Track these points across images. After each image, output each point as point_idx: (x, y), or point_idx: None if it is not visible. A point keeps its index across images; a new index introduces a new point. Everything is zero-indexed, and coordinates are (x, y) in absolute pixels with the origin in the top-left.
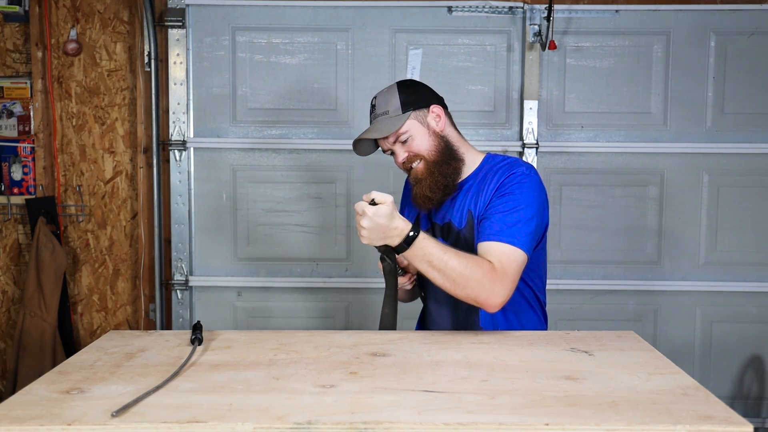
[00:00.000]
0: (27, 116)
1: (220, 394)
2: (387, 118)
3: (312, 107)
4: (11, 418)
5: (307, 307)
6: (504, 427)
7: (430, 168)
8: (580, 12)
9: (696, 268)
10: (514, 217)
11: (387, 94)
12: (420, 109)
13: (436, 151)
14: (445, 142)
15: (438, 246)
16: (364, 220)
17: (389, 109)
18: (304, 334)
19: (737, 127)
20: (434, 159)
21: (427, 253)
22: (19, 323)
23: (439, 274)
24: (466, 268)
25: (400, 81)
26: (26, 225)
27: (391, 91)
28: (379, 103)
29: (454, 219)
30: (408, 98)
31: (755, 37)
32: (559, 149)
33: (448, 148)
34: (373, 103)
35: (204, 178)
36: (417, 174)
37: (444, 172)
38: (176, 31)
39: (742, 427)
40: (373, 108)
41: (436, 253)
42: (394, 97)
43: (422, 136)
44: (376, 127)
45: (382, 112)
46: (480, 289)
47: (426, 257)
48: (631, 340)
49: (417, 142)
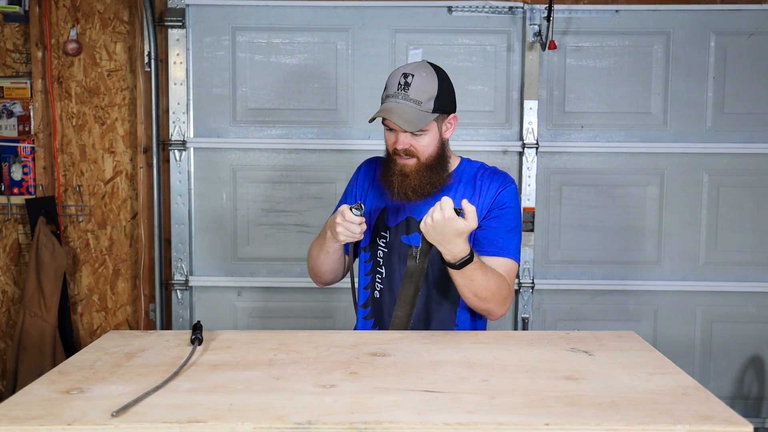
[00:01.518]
0: (27, 116)
1: (220, 394)
2: (417, 109)
3: (312, 107)
4: (11, 418)
5: (307, 307)
6: (504, 427)
7: (421, 171)
8: (580, 12)
9: (696, 268)
10: (512, 233)
11: (426, 81)
12: (445, 114)
13: (434, 156)
14: (443, 149)
15: (482, 268)
16: (437, 212)
17: (422, 101)
18: (304, 334)
19: (737, 127)
20: (428, 163)
21: (473, 275)
22: (19, 323)
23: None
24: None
25: (438, 69)
26: (26, 225)
27: (431, 80)
28: (416, 86)
29: None
30: (442, 100)
31: (755, 37)
32: (559, 149)
33: (442, 156)
34: (408, 81)
35: (204, 178)
36: (405, 169)
37: (432, 181)
38: (176, 31)
39: (742, 427)
40: (406, 84)
41: (480, 276)
42: (432, 90)
43: (432, 139)
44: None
45: (415, 100)
46: (499, 304)
47: (470, 277)
48: (631, 340)
49: (425, 143)
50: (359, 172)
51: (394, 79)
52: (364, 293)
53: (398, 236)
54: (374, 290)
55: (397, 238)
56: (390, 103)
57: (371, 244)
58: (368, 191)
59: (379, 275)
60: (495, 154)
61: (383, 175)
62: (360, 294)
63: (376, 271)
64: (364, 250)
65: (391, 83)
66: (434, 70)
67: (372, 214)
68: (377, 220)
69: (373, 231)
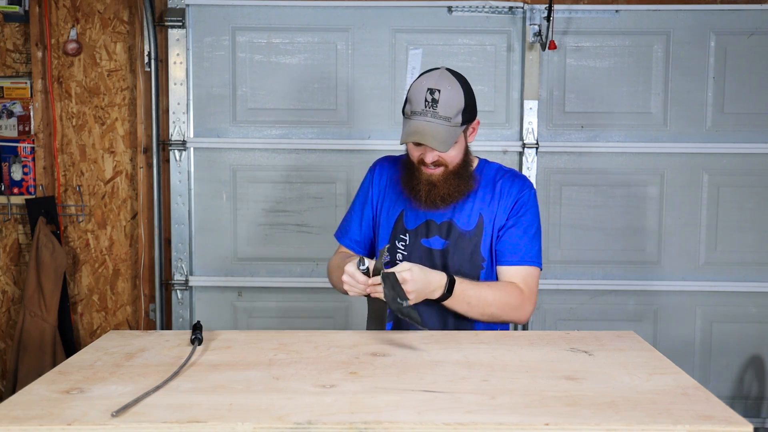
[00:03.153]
0: (27, 116)
1: (220, 394)
2: (448, 127)
3: (312, 107)
4: (11, 418)
5: (307, 307)
6: (504, 427)
7: (449, 179)
8: (580, 12)
9: (696, 268)
10: (532, 239)
11: (453, 94)
12: (470, 122)
13: (459, 162)
14: (467, 155)
15: (471, 284)
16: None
17: (451, 117)
18: (304, 334)
19: (737, 127)
20: (454, 170)
21: (467, 295)
22: (19, 323)
23: (477, 311)
24: (501, 298)
25: (459, 77)
26: (26, 225)
27: (457, 92)
28: (444, 102)
29: (456, 220)
30: (469, 110)
31: (755, 37)
32: (559, 149)
33: (467, 161)
34: (435, 97)
35: (204, 178)
36: (432, 178)
37: (459, 188)
38: (176, 31)
39: (742, 427)
40: (434, 101)
41: (473, 294)
42: (460, 102)
43: (460, 149)
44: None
45: (444, 117)
46: (513, 313)
47: (466, 299)
48: (631, 340)
49: (454, 153)
50: (374, 172)
51: (419, 94)
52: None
53: (418, 239)
54: None
55: (417, 241)
56: (419, 121)
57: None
58: (385, 192)
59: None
60: (495, 154)
61: (407, 182)
62: None
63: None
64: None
65: (416, 98)
66: (457, 79)
67: (390, 217)
68: (396, 223)
69: (392, 234)
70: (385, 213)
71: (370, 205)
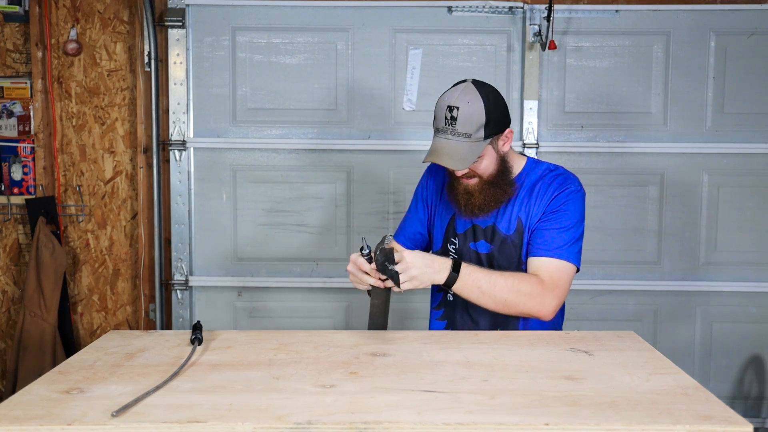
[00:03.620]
0: (27, 116)
1: (220, 394)
2: (468, 143)
3: (312, 107)
4: (11, 418)
5: (307, 307)
6: (504, 427)
7: (485, 189)
8: (580, 12)
9: (696, 268)
10: (567, 236)
11: (472, 110)
12: (498, 133)
13: (495, 173)
14: (503, 163)
15: (481, 269)
16: (412, 270)
17: (471, 133)
18: (304, 334)
19: (737, 127)
20: (490, 180)
21: (476, 279)
22: (19, 323)
23: (490, 298)
24: (515, 285)
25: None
26: (26, 225)
27: (477, 106)
28: (462, 118)
29: (499, 224)
30: (493, 124)
31: (755, 37)
32: (559, 149)
33: (504, 169)
34: (454, 114)
35: (204, 178)
36: (469, 188)
37: (496, 197)
38: (176, 31)
39: (742, 427)
40: (453, 119)
41: (483, 278)
42: (480, 118)
43: (490, 159)
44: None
45: (464, 133)
46: (532, 302)
47: (476, 283)
48: (631, 340)
49: (484, 166)
50: (428, 177)
51: (440, 111)
52: (437, 296)
53: (467, 243)
54: (447, 293)
55: (465, 244)
56: (440, 139)
57: (442, 249)
58: (438, 199)
59: None
60: None
61: (450, 190)
62: (433, 297)
63: None
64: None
65: (438, 115)
66: (479, 93)
67: (443, 220)
68: (447, 226)
69: (444, 237)
70: (438, 216)
71: (423, 204)
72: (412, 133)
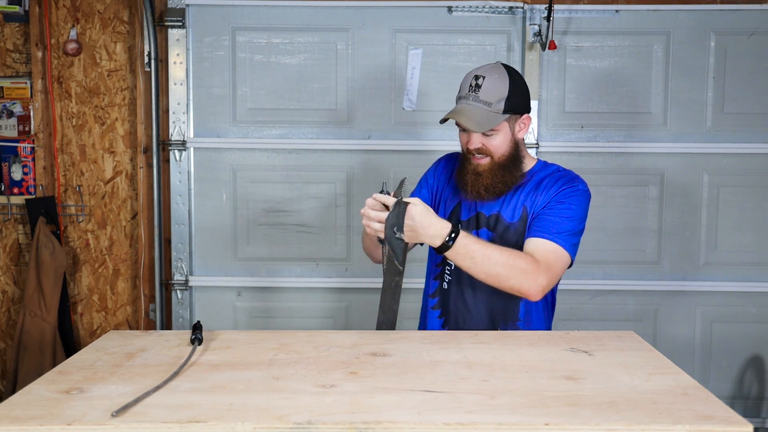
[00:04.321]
0: (27, 116)
1: (220, 394)
2: (487, 111)
3: (312, 107)
4: (11, 418)
5: (307, 307)
6: (504, 427)
7: (494, 170)
8: (580, 12)
9: (696, 268)
10: (568, 225)
11: (497, 83)
12: (517, 114)
13: (507, 156)
14: (516, 149)
15: (478, 241)
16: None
17: (492, 102)
18: (304, 334)
19: (737, 127)
20: (501, 162)
21: (471, 250)
22: (19, 323)
23: (482, 269)
24: (509, 260)
25: (511, 71)
26: (26, 225)
27: (502, 81)
28: (486, 87)
29: (504, 212)
30: (514, 100)
31: (755, 37)
32: (559, 149)
33: (516, 156)
34: (479, 82)
35: (204, 178)
36: (479, 168)
37: (504, 180)
38: (176, 31)
39: (742, 427)
40: (477, 86)
41: (478, 250)
42: (503, 91)
43: (504, 139)
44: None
45: (485, 101)
46: (524, 278)
47: (469, 254)
48: (631, 340)
49: (497, 143)
50: (439, 163)
51: (467, 81)
52: (433, 284)
53: (470, 230)
54: (443, 281)
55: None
56: (461, 104)
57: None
58: (446, 184)
59: (448, 267)
60: None
61: (458, 173)
62: (429, 284)
63: (446, 263)
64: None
65: (463, 85)
66: (507, 72)
67: (448, 207)
68: (452, 213)
69: None
70: (443, 204)
71: (428, 190)
72: (412, 133)
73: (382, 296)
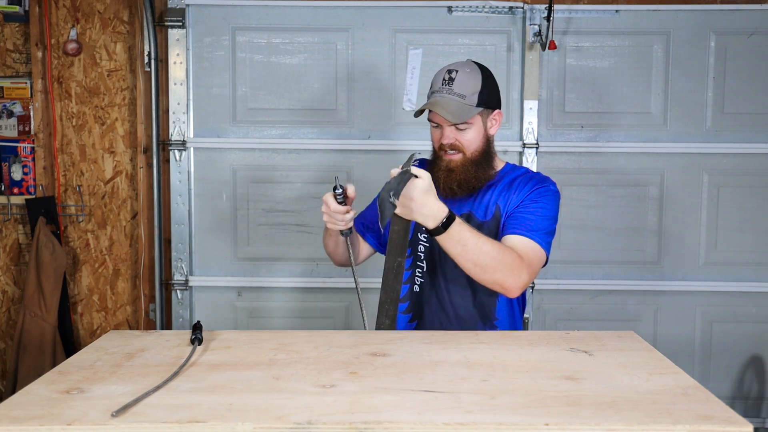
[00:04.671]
0: (27, 116)
1: (220, 394)
2: (461, 103)
3: (312, 107)
4: (11, 418)
5: (307, 307)
6: (504, 427)
7: (467, 165)
8: (580, 12)
9: (696, 268)
10: (544, 223)
11: (470, 76)
12: (489, 109)
13: (479, 152)
14: (488, 146)
15: (471, 230)
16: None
17: (466, 95)
18: (304, 334)
19: (737, 127)
20: (473, 158)
21: (463, 237)
22: (19, 323)
23: (470, 258)
24: (498, 254)
25: (482, 67)
26: (26, 225)
27: (475, 75)
28: (460, 80)
29: (476, 211)
30: (486, 94)
31: (755, 37)
32: (559, 149)
33: (488, 153)
34: (452, 76)
35: (204, 178)
36: (451, 164)
37: (477, 175)
38: (176, 31)
39: (742, 427)
40: (451, 80)
41: (471, 238)
42: (476, 84)
43: (477, 134)
44: (450, 107)
45: (459, 94)
46: (509, 273)
47: (461, 241)
48: (631, 340)
49: (470, 138)
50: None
51: (439, 75)
52: (403, 288)
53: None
54: (413, 284)
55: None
56: (435, 97)
57: (412, 239)
58: None
59: (419, 269)
60: None
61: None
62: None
63: (416, 265)
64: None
65: (436, 80)
66: (478, 67)
67: None
68: None
69: (416, 225)
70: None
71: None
72: (412, 133)
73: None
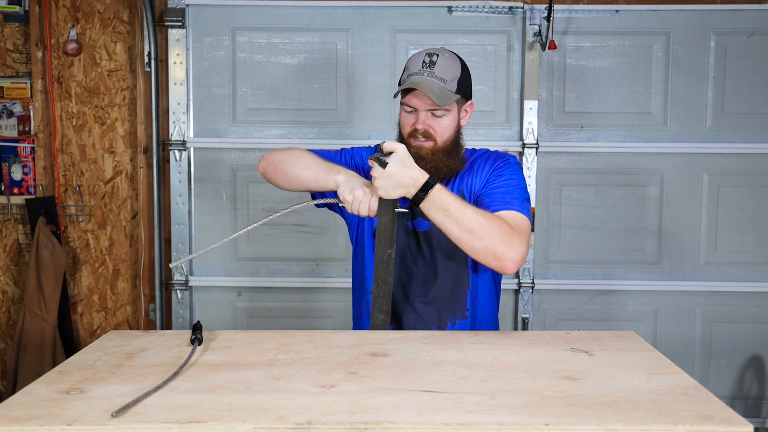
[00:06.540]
0: (27, 116)
1: (220, 394)
2: (444, 87)
3: (312, 107)
4: (11, 418)
5: (307, 307)
6: (504, 427)
7: (437, 154)
8: (580, 12)
9: (696, 268)
10: (516, 192)
11: (450, 62)
12: (464, 99)
13: (450, 142)
14: (459, 137)
15: (454, 196)
16: (376, 170)
17: (447, 80)
18: (304, 334)
19: (737, 127)
20: (443, 148)
21: (445, 201)
22: (19, 323)
23: (456, 224)
24: (483, 218)
25: (461, 58)
26: (26, 225)
27: (455, 63)
28: (441, 64)
29: None
30: (463, 83)
31: (755, 37)
32: (559, 149)
33: (458, 143)
34: (433, 59)
35: (204, 178)
36: (421, 152)
37: (448, 164)
38: (176, 31)
39: (742, 427)
40: (432, 63)
41: (453, 202)
42: (456, 72)
43: (451, 122)
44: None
45: (440, 78)
46: (499, 239)
47: (443, 206)
48: (631, 340)
49: (444, 125)
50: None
51: (417, 58)
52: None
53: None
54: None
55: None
56: (417, 77)
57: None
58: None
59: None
60: None
61: None
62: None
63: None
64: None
65: (413, 63)
66: (455, 55)
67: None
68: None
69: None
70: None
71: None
72: None
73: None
